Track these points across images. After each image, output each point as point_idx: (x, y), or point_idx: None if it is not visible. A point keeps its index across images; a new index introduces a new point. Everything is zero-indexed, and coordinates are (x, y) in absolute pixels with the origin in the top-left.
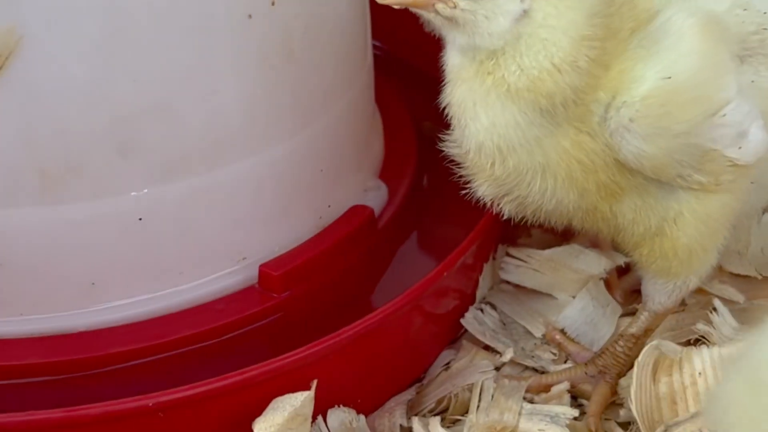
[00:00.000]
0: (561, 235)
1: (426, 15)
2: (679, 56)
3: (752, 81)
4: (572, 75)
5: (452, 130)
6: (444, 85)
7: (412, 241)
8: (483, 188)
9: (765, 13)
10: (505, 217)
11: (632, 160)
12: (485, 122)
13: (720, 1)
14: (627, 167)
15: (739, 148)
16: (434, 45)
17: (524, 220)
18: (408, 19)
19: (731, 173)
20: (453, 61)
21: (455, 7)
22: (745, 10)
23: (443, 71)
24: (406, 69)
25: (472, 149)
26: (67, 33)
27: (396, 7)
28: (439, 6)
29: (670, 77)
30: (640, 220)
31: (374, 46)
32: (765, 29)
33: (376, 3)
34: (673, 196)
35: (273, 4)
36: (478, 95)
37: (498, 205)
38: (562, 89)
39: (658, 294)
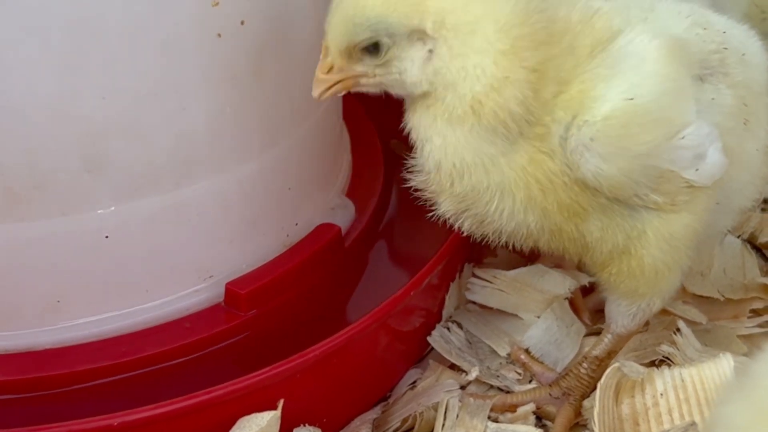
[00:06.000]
0: (526, 256)
1: (358, 88)
2: (643, 78)
3: (712, 99)
4: (511, 89)
5: (415, 154)
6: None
7: (379, 259)
8: (445, 205)
9: (724, 32)
10: (464, 234)
11: (590, 179)
12: (437, 142)
13: (679, 21)
14: (588, 186)
15: (696, 170)
16: None
17: (486, 240)
18: None
19: (687, 194)
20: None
21: (374, 76)
22: (705, 29)
23: None
24: None
25: (431, 169)
26: (36, 50)
27: (328, 95)
28: (363, 80)
29: (632, 98)
30: (608, 238)
31: None
32: (725, 48)
33: None
34: (636, 215)
35: (242, 23)
36: (428, 120)
37: (458, 221)
38: (503, 105)
39: (622, 316)
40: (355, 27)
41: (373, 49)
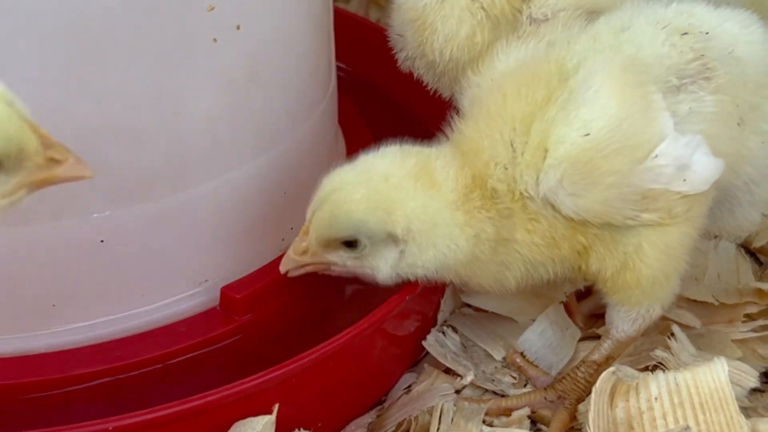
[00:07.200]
0: None
1: (327, 272)
2: (596, 111)
3: (689, 108)
4: (484, 233)
5: None
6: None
7: None
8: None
9: (707, 33)
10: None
11: (574, 216)
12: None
13: (655, 35)
14: (579, 223)
15: (684, 180)
16: (398, 68)
17: None
18: (373, 41)
19: (684, 204)
20: None
21: (345, 266)
22: (684, 35)
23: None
24: (370, 91)
25: None
26: (32, 54)
27: (295, 274)
28: (333, 267)
29: (588, 134)
30: (608, 265)
31: (338, 68)
32: (703, 56)
33: (342, 26)
34: (631, 232)
35: (238, 28)
36: None
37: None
38: (486, 242)
39: (622, 322)
40: (339, 224)
41: (352, 243)
